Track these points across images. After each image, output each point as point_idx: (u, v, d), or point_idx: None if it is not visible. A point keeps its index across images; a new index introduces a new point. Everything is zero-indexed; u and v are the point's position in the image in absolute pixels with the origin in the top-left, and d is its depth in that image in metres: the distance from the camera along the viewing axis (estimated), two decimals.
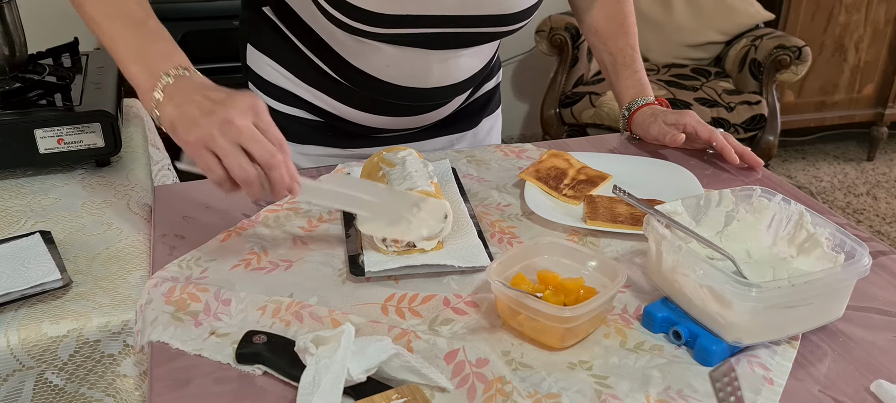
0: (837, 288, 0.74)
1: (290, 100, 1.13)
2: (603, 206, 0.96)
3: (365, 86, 1.07)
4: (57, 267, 0.83)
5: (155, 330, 0.74)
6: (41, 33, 1.71)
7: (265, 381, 0.68)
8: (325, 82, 1.10)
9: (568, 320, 0.70)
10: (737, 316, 0.69)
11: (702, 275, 0.71)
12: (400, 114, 1.13)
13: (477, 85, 1.21)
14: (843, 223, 0.94)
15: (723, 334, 0.71)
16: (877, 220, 3.02)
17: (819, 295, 0.73)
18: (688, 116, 1.14)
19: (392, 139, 1.19)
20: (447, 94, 1.12)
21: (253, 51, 1.15)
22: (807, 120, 3.38)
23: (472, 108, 1.24)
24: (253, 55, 1.15)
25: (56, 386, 0.78)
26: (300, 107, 1.14)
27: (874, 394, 0.68)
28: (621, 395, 0.67)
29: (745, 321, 0.70)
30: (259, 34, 1.14)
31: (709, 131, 1.12)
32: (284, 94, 1.13)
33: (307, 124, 1.15)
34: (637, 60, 1.23)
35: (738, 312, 0.69)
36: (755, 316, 0.70)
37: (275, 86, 1.13)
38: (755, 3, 3.08)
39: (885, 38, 3.31)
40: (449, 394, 0.66)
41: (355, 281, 0.82)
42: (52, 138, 1.05)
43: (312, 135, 1.15)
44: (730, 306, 0.69)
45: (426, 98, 1.10)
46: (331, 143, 1.17)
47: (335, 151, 1.17)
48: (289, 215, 0.96)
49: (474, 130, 1.26)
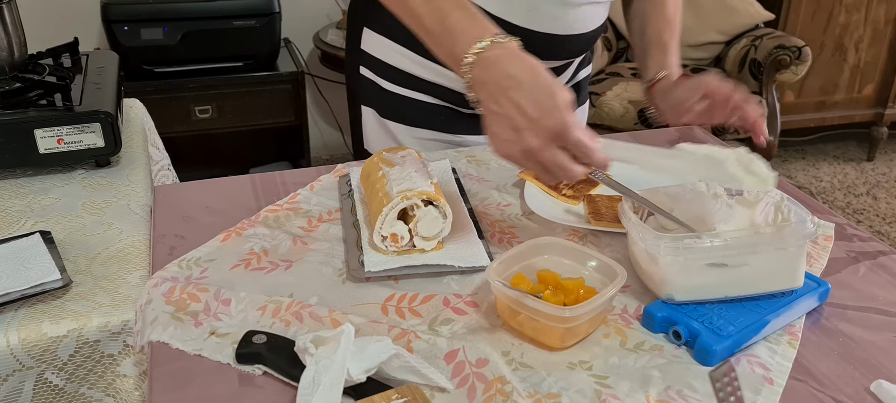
0: (777, 253, 0.75)
1: (405, 81, 1.15)
2: (604, 206, 0.96)
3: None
4: (57, 267, 0.83)
5: (155, 330, 0.74)
6: (41, 33, 1.71)
7: (265, 381, 0.68)
8: None
9: (568, 320, 0.70)
10: (665, 271, 0.74)
11: (637, 237, 0.76)
12: None
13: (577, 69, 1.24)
14: (843, 223, 0.94)
15: (658, 290, 0.76)
16: (877, 220, 3.02)
17: (753, 256, 0.75)
18: (708, 77, 1.08)
19: None
20: (575, 47, 1.13)
21: (370, 33, 1.16)
22: (807, 120, 3.38)
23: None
24: (369, 38, 1.16)
25: (56, 386, 0.78)
26: (416, 88, 1.15)
27: (874, 394, 0.68)
28: (621, 395, 0.67)
29: (672, 275, 0.74)
30: (376, 15, 1.14)
31: (731, 87, 1.06)
32: (400, 75, 1.14)
33: (422, 107, 1.16)
34: (671, 43, 1.18)
35: (664, 266, 0.73)
36: (683, 271, 0.74)
37: (392, 67, 1.15)
38: (755, 3, 3.08)
39: (885, 38, 3.30)
40: (449, 394, 0.66)
41: (355, 281, 0.82)
42: (52, 138, 1.05)
43: (426, 118, 1.17)
44: (657, 262, 0.74)
45: (561, 49, 1.11)
46: (446, 128, 1.18)
47: (446, 137, 1.19)
48: (289, 215, 0.96)
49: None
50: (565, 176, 0.78)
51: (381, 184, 0.88)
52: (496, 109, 0.78)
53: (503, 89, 0.78)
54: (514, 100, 0.76)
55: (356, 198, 0.97)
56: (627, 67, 3.04)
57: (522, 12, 1.05)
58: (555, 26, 1.07)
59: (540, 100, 0.76)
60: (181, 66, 2.48)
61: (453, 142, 1.19)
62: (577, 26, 1.10)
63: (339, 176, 1.06)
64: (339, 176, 1.06)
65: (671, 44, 1.18)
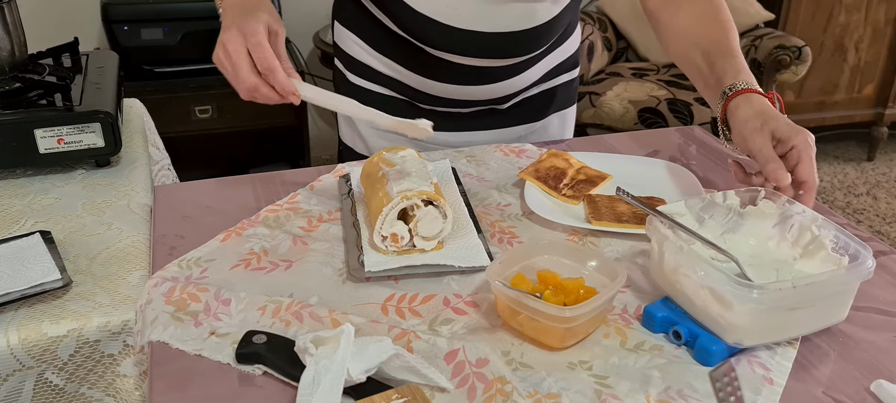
0: (840, 291, 0.74)
1: (370, 76, 1.17)
2: (604, 206, 0.96)
3: (432, 34, 1.08)
4: (57, 267, 0.83)
5: (155, 330, 0.74)
6: (41, 33, 1.71)
7: (265, 381, 0.68)
8: (399, 50, 1.13)
9: (568, 320, 0.70)
10: (737, 318, 0.69)
11: (703, 276, 0.71)
12: (474, 81, 1.14)
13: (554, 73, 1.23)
14: (844, 223, 0.94)
15: (723, 335, 0.71)
16: (877, 220, 3.02)
17: (822, 298, 0.72)
18: (800, 139, 0.87)
19: (465, 121, 1.20)
20: (515, 45, 1.11)
21: (339, 27, 1.20)
22: (807, 120, 3.38)
23: (542, 98, 1.25)
24: (339, 32, 1.20)
25: (56, 386, 0.78)
26: (380, 82, 1.18)
27: (874, 394, 0.68)
28: (621, 395, 0.67)
29: (746, 322, 0.70)
30: (344, 9, 1.19)
31: (809, 173, 0.86)
32: (365, 69, 1.17)
33: (388, 101, 1.18)
34: (737, 54, 0.99)
35: (738, 313, 0.69)
36: (756, 317, 0.70)
37: (357, 61, 1.18)
38: (755, 3, 3.08)
39: (885, 38, 3.30)
40: (449, 394, 0.66)
41: (355, 281, 0.82)
42: (52, 138, 1.05)
43: (387, 112, 1.17)
44: (730, 307, 0.69)
45: (494, 48, 1.10)
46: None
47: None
48: (289, 215, 0.96)
49: (544, 123, 1.27)
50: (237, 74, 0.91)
51: (381, 183, 0.88)
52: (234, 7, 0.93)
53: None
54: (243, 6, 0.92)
55: (356, 198, 0.97)
56: (627, 67, 3.04)
57: (443, 8, 1.05)
58: (480, 24, 1.06)
59: (245, 8, 0.92)
60: (181, 66, 2.48)
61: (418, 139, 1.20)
62: (506, 24, 1.07)
63: (339, 176, 1.06)
64: (339, 176, 1.06)
65: (735, 50, 0.99)
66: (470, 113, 1.20)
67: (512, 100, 1.21)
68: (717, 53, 0.99)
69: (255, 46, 0.89)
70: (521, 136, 1.25)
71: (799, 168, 0.86)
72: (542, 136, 1.27)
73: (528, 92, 1.22)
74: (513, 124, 1.24)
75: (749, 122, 0.90)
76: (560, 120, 1.29)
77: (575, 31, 1.25)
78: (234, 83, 0.92)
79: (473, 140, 1.22)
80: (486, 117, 1.22)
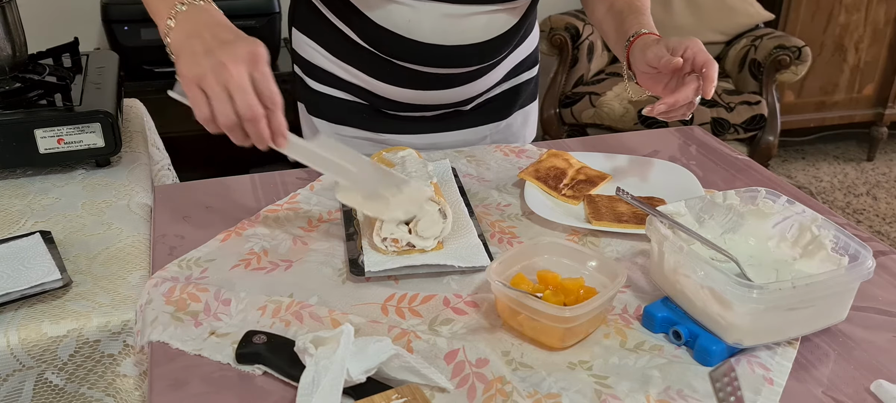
0: (840, 291, 0.74)
1: (331, 81, 1.16)
2: (604, 206, 0.96)
3: (393, 46, 1.07)
4: (57, 267, 0.83)
5: (155, 330, 0.74)
6: (41, 33, 1.71)
7: (265, 381, 0.68)
8: (360, 58, 1.12)
9: (568, 320, 0.70)
10: (737, 318, 0.69)
11: (703, 277, 0.71)
12: (436, 86, 1.13)
13: (515, 72, 1.22)
14: (844, 223, 0.94)
15: (723, 335, 0.71)
16: (877, 220, 3.02)
17: (821, 298, 0.72)
18: (691, 41, 0.97)
19: (428, 123, 1.20)
20: (476, 55, 1.11)
21: (296, 33, 1.19)
22: (807, 120, 3.38)
23: (505, 98, 1.25)
24: (297, 38, 1.19)
25: (56, 386, 0.78)
26: (340, 88, 1.17)
27: (874, 394, 0.68)
28: (621, 395, 0.67)
29: (746, 322, 0.70)
30: (301, 15, 1.17)
31: (706, 59, 0.94)
32: (325, 75, 1.16)
33: (347, 105, 1.17)
34: (646, 11, 1.09)
35: (738, 313, 0.69)
36: (756, 317, 0.70)
37: (316, 67, 1.17)
38: (755, 3, 3.08)
39: (885, 38, 3.30)
40: (449, 394, 0.66)
41: (355, 281, 0.82)
42: (52, 138, 1.05)
43: (351, 117, 1.18)
44: (730, 307, 0.69)
45: (455, 59, 1.10)
46: (368, 127, 1.19)
47: (372, 135, 1.19)
48: (289, 215, 0.96)
49: (508, 121, 1.27)
50: (242, 101, 0.76)
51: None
52: (194, 43, 0.80)
53: (207, 25, 0.81)
54: (214, 32, 0.80)
55: None
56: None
57: (404, 23, 1.05)
58: (441, 37, 1.06)
59: (238, 33, 0.81)
60: None
61: (376, 139, 1.20)
62: (468, 36, 1.08)
63: None
64: None
65: (644, 8, 1.09)
66: (434, 116, 1.20)
67: (475, 101, 1.22)
68: (628, 11, 1.09)
69: (263, 76, 0.77)
70: (485, 136, 1.26)
71: (696, 58, 0.95)
72: (506, 134, 1.28)
73: (490, 92, 1.22)
74: (477, 124, 1.24)
75: (647, 46, 1.00)
76: (523, 117, 1.30)
77: (534, 31, 1.25)
78: (225, 110, 0.77)
79: (438, 142, 1.22)
80: (451, 119, 1.21)
